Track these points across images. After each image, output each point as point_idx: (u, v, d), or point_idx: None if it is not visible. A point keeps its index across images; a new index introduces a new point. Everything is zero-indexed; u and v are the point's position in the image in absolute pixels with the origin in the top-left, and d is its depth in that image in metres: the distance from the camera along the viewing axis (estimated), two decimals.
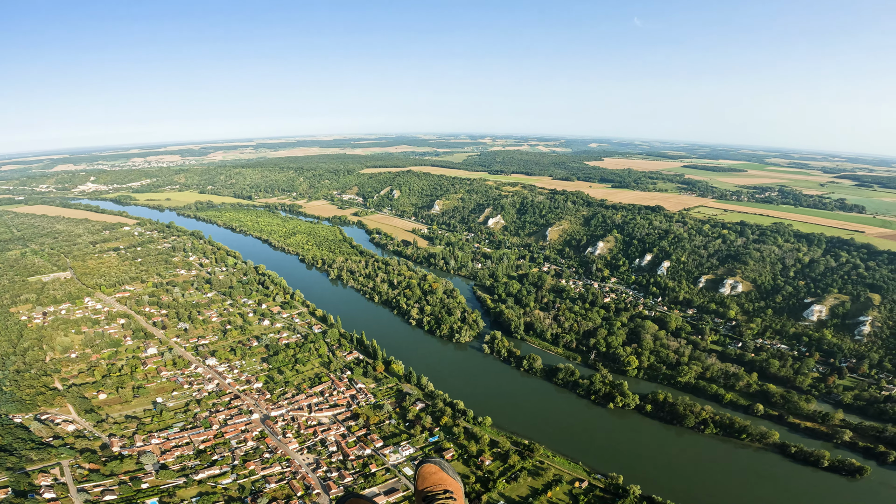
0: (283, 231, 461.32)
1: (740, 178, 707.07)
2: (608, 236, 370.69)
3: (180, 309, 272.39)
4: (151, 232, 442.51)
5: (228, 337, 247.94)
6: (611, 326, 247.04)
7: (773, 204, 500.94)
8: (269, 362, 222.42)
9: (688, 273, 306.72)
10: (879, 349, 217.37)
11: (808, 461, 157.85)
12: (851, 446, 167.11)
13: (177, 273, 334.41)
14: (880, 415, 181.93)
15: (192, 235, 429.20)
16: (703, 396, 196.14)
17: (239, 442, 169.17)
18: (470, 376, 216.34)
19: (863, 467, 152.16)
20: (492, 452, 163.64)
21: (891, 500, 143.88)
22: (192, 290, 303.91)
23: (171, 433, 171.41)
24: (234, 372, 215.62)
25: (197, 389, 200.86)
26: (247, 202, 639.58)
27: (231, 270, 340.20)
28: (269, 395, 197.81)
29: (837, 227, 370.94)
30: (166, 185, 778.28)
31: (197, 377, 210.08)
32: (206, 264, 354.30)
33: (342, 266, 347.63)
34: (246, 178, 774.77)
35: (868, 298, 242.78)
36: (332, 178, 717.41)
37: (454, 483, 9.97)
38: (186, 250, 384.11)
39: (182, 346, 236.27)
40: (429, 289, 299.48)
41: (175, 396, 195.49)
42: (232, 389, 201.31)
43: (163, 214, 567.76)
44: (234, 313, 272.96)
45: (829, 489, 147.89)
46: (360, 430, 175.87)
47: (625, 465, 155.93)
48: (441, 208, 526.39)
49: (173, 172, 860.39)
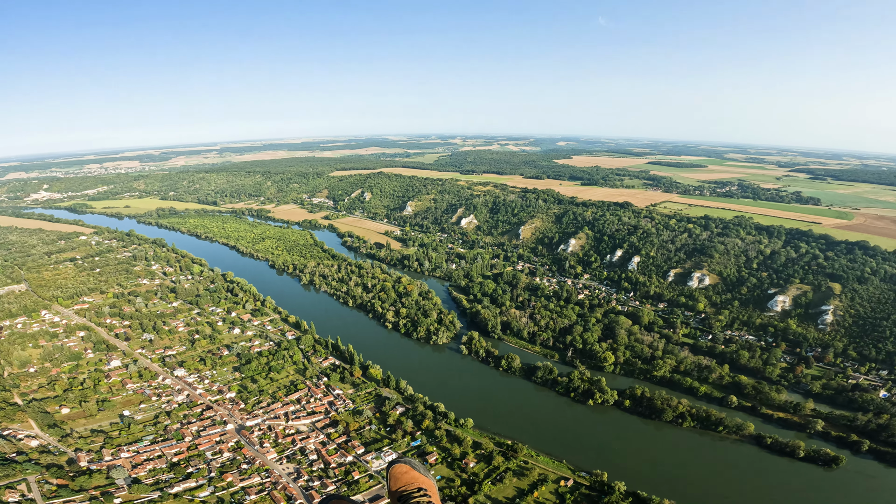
0: (252, 236, 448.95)
1: (702, 174, 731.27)
2: (580, 233, 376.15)
3: (144, 319, 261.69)
4: (110, 241, 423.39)
5: (197, 347, 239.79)
6: (586, 323, 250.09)
7: (734, 198, 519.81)
8: (241, 371, 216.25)
9: (657, 267, 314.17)
10: (843, 338, 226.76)
11: (784, 452, 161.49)
12: (824, 436, 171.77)
13: (139, 283, 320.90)
14: (849, 403, 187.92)
15: (155, 243, 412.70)
16: (679, 390, 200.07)
17: (214, 453, 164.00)
18: (449, 378, 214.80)
19: (838, 457, 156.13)
20: (475, 454, 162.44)
21: (868, 490, 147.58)
22: (155, 300, 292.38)
23: (141, 446, 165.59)
24: (205, 382, 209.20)
25: (166, 401, 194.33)
26: (212, 208, 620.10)
27: (197, 278, 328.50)
28: (243, 405, 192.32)
29: (795, 218, 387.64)
30: (125, 192, 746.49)
31: (165, 389, 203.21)
32: (171, 273, 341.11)
33: (314, 271, 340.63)
34: (210, 183, 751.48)
35: (829, 288, 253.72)
36: (302, 181, 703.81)
37: (427, 481, 9.85)
38: (148, 259, 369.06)
39: (148, 358, 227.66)
40: (404, 291, 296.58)
41: (143, 409, 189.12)
42: (203, 400, 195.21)
43: (122, 222, 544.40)
44: (202, 322, 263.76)
45: (806, 480, 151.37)
46: (341, 437, 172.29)
47: (608, 461, 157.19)
48: (413, 209, 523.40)
49: (132, 179, 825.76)
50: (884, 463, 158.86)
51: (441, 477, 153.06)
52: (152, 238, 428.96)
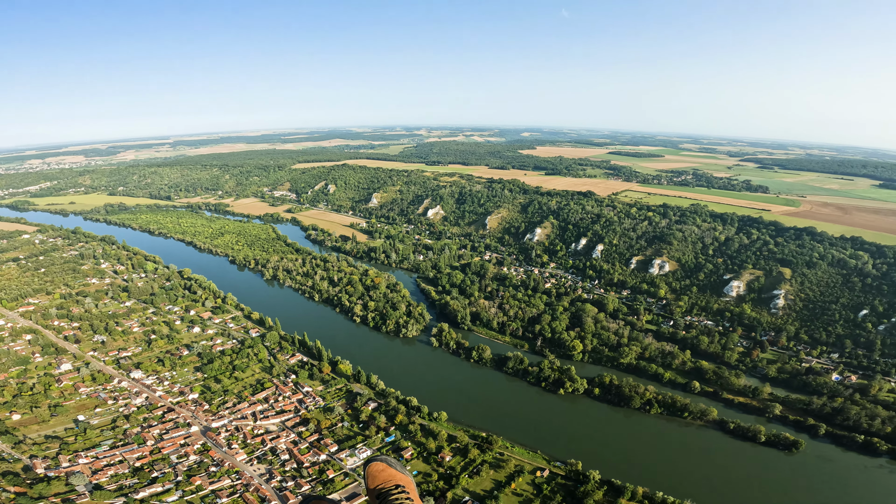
0: (210, 232, 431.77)
1: (659, 163, 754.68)
2: (545, 222, 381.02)
3: (95, 320, 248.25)
4: (55, 239, 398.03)
5: (154, 347, 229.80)
6: (554, 312, 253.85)
7: (690, 186, 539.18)
8: (203, 371, 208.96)
9: (620, 255, 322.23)
10: (795, 321, 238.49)
11: (746, 437, 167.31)
12: (783, 420, 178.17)
13: (87, 282, 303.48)
14: (804, 387, 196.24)
15: (103, 241, 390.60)
16: (644, 376, 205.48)
17: (180, 457, 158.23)
18: (421, 371, 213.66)
19: (797, 441, 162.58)
20: (451, 448, 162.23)
21: (827, 473, 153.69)
22: (106, 300, 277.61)
23: (100, 452, 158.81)
24: (165, 384, 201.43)
25: (124, 404, 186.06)
26: (166, 203, 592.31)
27: (151, 276, 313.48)
28: (207, 406, 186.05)
29: (746, 206, 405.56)
30: (69, 188, 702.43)
31: (122, 392, 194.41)
32: (122, 271, 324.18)
33: (278, 265, 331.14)
34: (163, 177, 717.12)
35: (780, 273, 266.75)
36: (262, 174, 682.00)
37: (405, 478, 9.81)
38: (97, 257, 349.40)
39: (101, 360, 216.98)
40: (371, 284, 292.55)
41: (99, 413, 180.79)
42: (164, 402, 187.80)
43: (67, 220, 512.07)
44: (159, 322, 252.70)
45: (769, 464, 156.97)
46: (312, 436, 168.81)
47: (581, 450, 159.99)
48: (379, 201, 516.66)
49: (77, 174, 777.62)
50: (841, 447, 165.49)
51: (418, 472, 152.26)
52: (100, 235, 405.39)
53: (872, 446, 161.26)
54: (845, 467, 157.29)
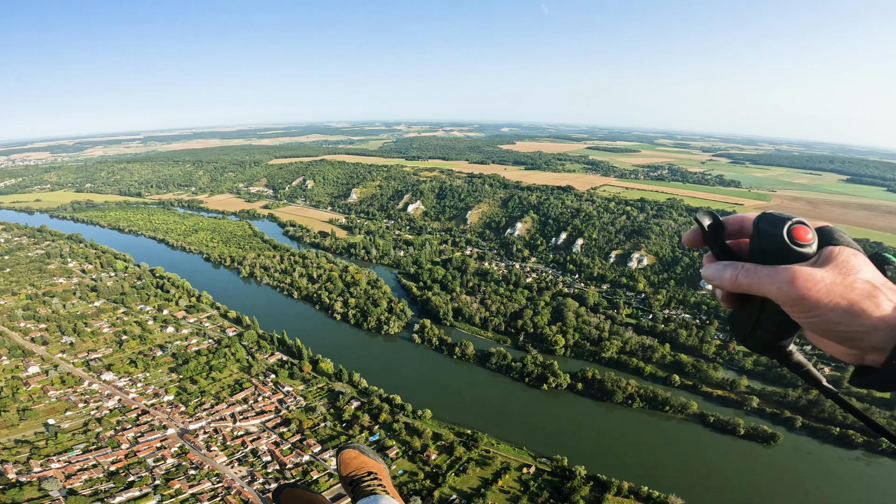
0: (183, 229, 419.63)
1: (636, 158, 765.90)
2: (525, 217, 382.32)
3: (63, 321, 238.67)
4: (20, 238, 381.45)
5: (125, 348, 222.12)
6: (535, 306, 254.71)
7: (665, 181, 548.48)
8: (178, 372, 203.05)
9: (599, 249, 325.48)
10: None
11: (726, 430, 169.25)
12: (760, 412, 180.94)
13: (54, 282, 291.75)
14: (779, 379, 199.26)
15: (71, 239, 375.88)
16: (626, 370, 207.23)
17: (156, 460, 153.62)
18: (404, 369, 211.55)
19: (775, 434, 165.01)
20: (436, 446, 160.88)
21: (805, 465, 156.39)
22: (74, 300, 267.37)
23: (72, 456, 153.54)
24: (138, 386, 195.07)
25: (95, 407, 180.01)
26: (136, 200, 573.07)
27: (122, 275, 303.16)
28: (183, 408, 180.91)
29: (720, 200, 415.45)
30: (35, 185, 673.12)
31: (93, 394, 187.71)
32: (90, 270, 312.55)
33: (254, 262, 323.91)
34: (133, 173, 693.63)
35: None
36: (238, 170, 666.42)
37: (377, 465, 9.72)
38: (64, 256, 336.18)
39: (70, 362, 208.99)
40: (351, 280, 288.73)
41: (70, 417, 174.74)
42: (138, 405, 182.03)
43: (32, 217, 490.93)
44: (130, 322, 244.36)
45: (748, 456, 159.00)
46: (294, 436, 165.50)
47: (566, 445, 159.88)
48: (359, 196, 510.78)
49: (43, 171, 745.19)
50: (817, 439, 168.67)
51: (404, 471, 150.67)
52: (68, 234, 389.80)
53: (848, 438, 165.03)
54: (823, 459, 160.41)
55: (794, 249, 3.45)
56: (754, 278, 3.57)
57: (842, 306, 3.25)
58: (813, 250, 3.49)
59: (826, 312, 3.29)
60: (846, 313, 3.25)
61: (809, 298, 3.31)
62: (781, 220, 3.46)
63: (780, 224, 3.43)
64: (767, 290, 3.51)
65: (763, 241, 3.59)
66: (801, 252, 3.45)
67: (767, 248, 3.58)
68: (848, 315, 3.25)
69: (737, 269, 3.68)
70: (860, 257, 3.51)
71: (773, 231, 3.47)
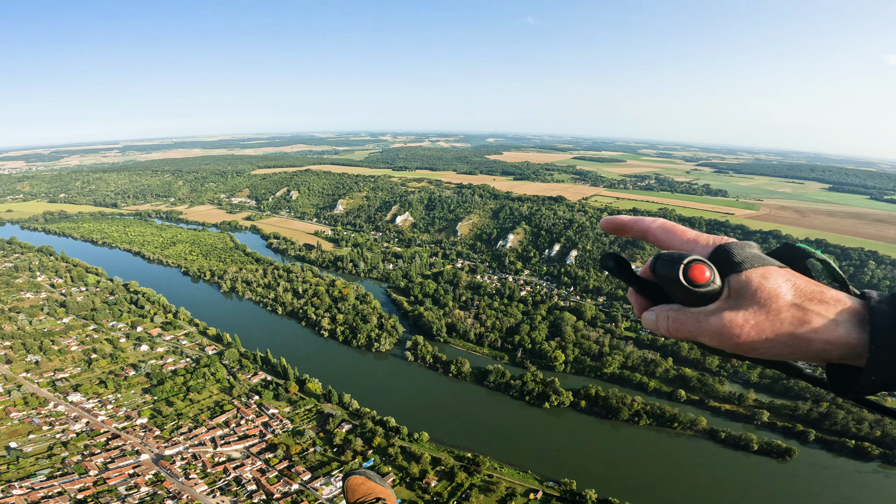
0: (160, 241, 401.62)
1: (622, 168, 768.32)
2: (517, 228, 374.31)
3: (28, 339, 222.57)
4: None
5: (95, 367, 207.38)
6: (532, 321, 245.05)
7: (654, 191, 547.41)
8: (153, 393, 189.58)
9: (594, 261, 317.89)
10: None
11: (738, 446, 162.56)
12: (771, 427, 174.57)
13: (21, 297, 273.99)
14: (786, 391, 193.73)
15: (41, 252, 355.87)
16: (629, 386, 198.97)
17: (129, 488, 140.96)
18: (397, 388, 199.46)
19: (790, 448, 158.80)
20: (436, 472, 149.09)
21: (821, 480, 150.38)
22: (42, 316, 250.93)
23: (35, 482, 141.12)
24: (108, 408, 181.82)
25: (61, 430, 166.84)
26: (111, 210, 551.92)
27: (93, 290, 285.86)
28: (158, 432, 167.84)
29: (711, 210, 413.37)
30: (6, 195, 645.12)
31: (58, 416, 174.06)
32: (60, 284, 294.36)
33: (236, 276, 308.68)
34: (109, 183, 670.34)
35: None
36: (219, 180, 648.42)
37: (385, 490, 9.52)
38: (33, 269, 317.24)
39: (34, 382, 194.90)
40: (339, 295, 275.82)
41: (33, 440, 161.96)
42: (108, 428, 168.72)
43: (3, 229, 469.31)
44: (101, 339, 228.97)
45: (764, 473, 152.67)
46: (281, 463, 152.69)
47: (573, 467, 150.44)
48: (345, 208, 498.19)
49: (15, 180, 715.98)
50: (832, 452, 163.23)
51: (402, 500, 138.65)
52: (38, 246, 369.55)
53: (864, 451, 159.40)
54: (839, 473, 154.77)
55: (697, 292, 3.15)
56: (683, 330, 3.29)
57: (781, 341, 3.05)
58: (717, 286, 3.15)
59: (769, 348, 3.05)
60: (788, 346, 3.06)
61: (745, 343, 3.10)
62: (674, 263, 3.16)
63: (674, 267, 3.15)
64: (703, 341, 3.25)
65: (667, 286, 3.36)
66: (704, 293, 3.16)
67: (673, 292, 3.35)
68: (792, 347, 3.05)
69: (667, 321, 3.38)
70: (771, 275, 3.08)
71: (669, 275, 3.19)
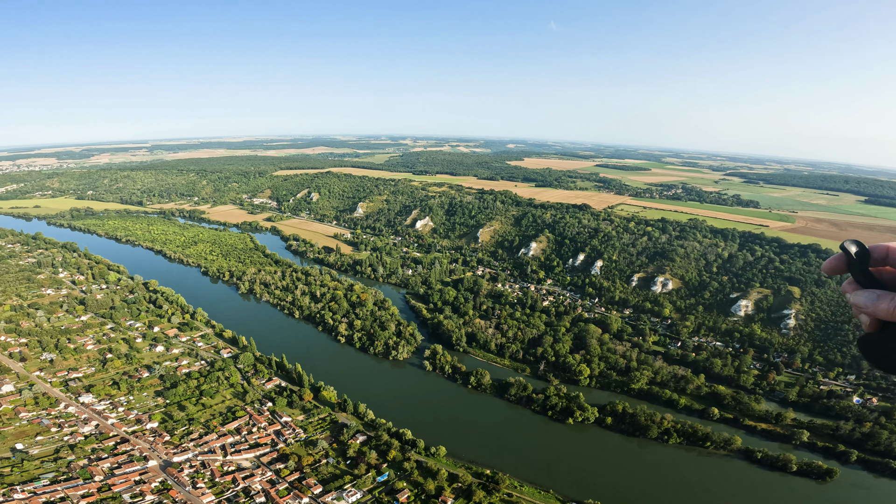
0: (182, 240, 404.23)
1: (647, 177, 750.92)
2: (540, 236, 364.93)
3: (45, 336, 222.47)
4: (13, 245, 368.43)
5: (109, 368, 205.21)
6: (555, 333, 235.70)
7: (682, 200, 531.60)
8: (165, 396, 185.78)
9: (620, 272, 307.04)
10: (807, 342, 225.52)
11: (775, 466, 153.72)
12: (811, 447, 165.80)
13: (42, 293, 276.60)
14: (826, 411, 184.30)
15: (65, 248, 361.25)
16: (658, 403, 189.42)
17: (134, 496, 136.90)
18: (414, 399, 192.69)
19: (831, 470, 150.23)
20: (452, 489, 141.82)
21: (865, 502, 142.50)
22: (61, 314, 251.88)
23: (38, 486, 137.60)
24: (120, 410, 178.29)
25: (70, 433, 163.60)
26: (136, 208, 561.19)
27: (113, 288, 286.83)
28: (168, 437, 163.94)
29: (744, 221, 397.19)
30: (36, 191, 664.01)
31: (68, 418, 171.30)
32: (81, 281, 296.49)
33: (254, 278, 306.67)
34: (136, 181, 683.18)
35: (789, 292, 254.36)
36: (242, 180, 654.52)
37: None
38: (56, 265, 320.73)
39: (47, 381, 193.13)
40: (357, 300, 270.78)
41: (40, 442, 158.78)
42: (117, 432, 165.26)
43: (30, 224, 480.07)
44: (117, 339, 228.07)
45: (803, 495, 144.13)
46: (292, 475, 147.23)
47: (598, 487, 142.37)
48: (365, 211, 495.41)
49: (45, 176, 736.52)
50: (874, 473, 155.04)
51: None
52: (62, 242, 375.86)
53: None
54: (883, 494, 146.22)
55: None
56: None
57: None
58: None
59: None
60: None
61: None
62: None
63: None
64: None
65: None
66: None
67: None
68: None
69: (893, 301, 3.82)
70: None
71: None
